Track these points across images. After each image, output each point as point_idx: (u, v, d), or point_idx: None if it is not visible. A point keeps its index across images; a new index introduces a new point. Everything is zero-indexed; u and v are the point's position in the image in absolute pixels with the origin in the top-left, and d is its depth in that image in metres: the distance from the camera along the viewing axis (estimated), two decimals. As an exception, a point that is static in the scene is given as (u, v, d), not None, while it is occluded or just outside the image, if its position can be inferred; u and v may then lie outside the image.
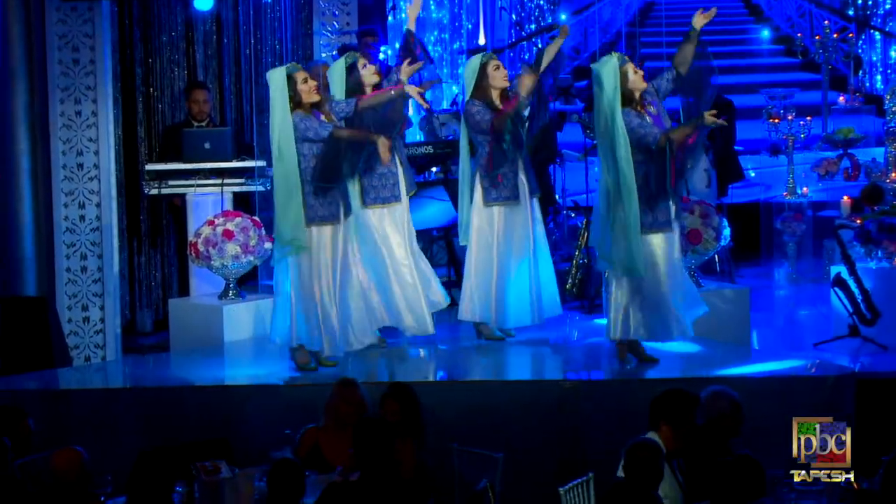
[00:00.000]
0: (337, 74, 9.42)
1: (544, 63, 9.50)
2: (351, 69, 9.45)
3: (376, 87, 9.43)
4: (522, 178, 9.48)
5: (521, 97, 9.33)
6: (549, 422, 8.41)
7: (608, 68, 8.73)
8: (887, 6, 17.46)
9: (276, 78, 8.74)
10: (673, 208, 8.91)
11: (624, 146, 8.64)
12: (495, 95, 9.37)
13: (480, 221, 9.46)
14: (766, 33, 19.39)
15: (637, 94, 8.84)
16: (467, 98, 9.47)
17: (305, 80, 8.76)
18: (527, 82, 9.39)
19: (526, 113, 9.55)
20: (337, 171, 8.77)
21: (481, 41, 15.33)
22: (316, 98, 8.80)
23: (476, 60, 9.48)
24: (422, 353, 9.76)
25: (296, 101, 8.73)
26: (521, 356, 9.40)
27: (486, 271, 9.46)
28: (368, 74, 9.45)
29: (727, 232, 10.20)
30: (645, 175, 8.73)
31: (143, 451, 7.34)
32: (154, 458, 6.99)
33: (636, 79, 8.82)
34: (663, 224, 8.85)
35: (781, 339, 10.80)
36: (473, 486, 7.31)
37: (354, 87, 9.37)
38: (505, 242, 9.45)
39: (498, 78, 9.39)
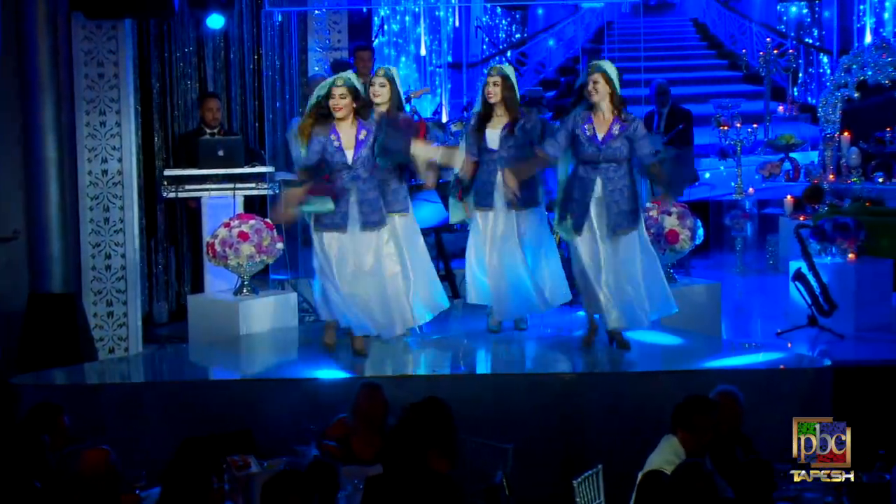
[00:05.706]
0: None
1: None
2: None
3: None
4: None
5: None
6: (553, 412, 7.73)
7: None
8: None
9: None
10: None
11: None
12: None
13: None
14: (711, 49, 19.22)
15: None
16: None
17: None
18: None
19: None
20: None
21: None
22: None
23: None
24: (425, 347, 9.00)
25: None
26: (523, 349, 8.71)
27: None
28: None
29: (700, 232, 9.60)
30: None
31: (188, 439, 6.69)
32: (196, 446, 6.37)
33: None
34: None
35: (740, 328, 10.24)
36: (485, 475, 6.68)
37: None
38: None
39: None
